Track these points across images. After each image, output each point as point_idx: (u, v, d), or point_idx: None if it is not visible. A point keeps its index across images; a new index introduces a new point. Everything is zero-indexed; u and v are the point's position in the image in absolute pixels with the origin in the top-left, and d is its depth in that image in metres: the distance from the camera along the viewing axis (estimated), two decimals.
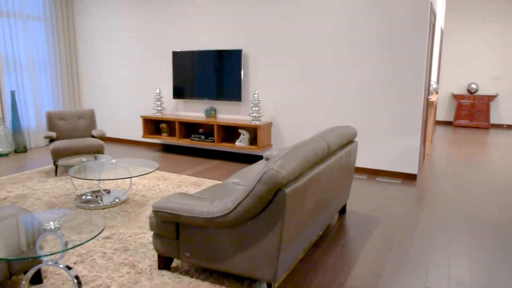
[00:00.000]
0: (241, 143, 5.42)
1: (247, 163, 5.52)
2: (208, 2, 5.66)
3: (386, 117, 4.74)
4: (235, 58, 5.43)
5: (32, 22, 6.39)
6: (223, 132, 5.71)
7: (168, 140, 5.94)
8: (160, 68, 6.28)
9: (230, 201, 2.17)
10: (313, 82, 5.10)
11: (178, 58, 5.89)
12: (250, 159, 5.71)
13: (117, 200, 3.82)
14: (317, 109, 5.14)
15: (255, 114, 5.29)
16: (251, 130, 5.59)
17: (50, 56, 6.70)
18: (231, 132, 5.81)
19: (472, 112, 9.17)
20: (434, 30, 5.50)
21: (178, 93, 6.01)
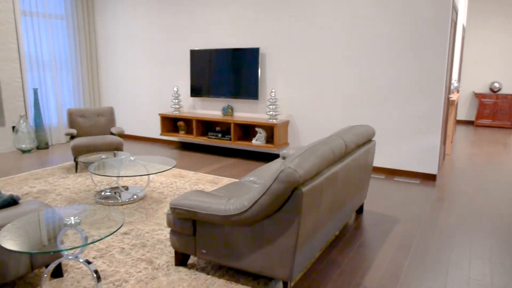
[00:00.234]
0: (257, 142, 5.42)
1: (264, 162, 5.52)
2: (226, 1, 5.68)
3: (405, 116, 4.67)
4: (252, 56, 5.43)
5: (54, 21, 6.53)
6: (240, 130, 5.72)
7: (185, 138, 5.99)
8: (178, 66, 6.34)
9: (246, 199, 2.18)
10: (330, 81, 5.06)
11: (196, 57, 5.93)
12: (267, 158, 5.71)
13: (135, 196, 3.87)
14: (334, 107, 5.10)
15: (272, 112, 5.28)
16: (268, 129, 5.58)
17: (71, 54, 6.84)
18: (248, 130, 5.82)
19: (494, 111, 8.94)
20: (455, 27, 5.38)
21: (195, 91, 6.05)
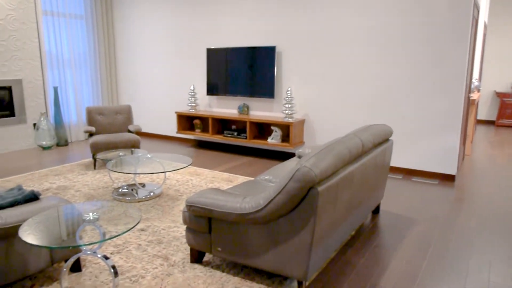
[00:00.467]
0: (273, 140, 5.41)
1: (279, 160, 5.51)
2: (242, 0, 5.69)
3: (424, 115, 4.59)
4: (269, 55, 5.43)
5: (74, 20, 6.65)
6: (256, 128, 5.72)
7: (201, 136, 6.03)
8: (194, 65, 6.38)
9: (262, 197, 2.18)
10: (347, 79, 5.01)
11: (212, 55, 5.95)
12: (282, 156, 5.69)
13: (151, 193, 3.92)
14: (351, 106, 5.05)
15: (288, 111, 5.26)
16: (284, 127, 5.57)
17: (90, 53, 6.95)
18: (264, 129, 5.82)
19: None
20: (477, 25, 5.25)
21: (211, 89, 6.07)
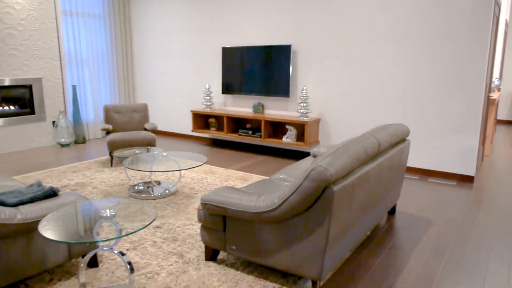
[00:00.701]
0: (288, 139, 5.40)
1: (294, 160, 5.49)
2: None
3: (441, 115, 4.51)
4: (284, 53, 5.41)
5: (92, 20, 6.75)
6: (270, 127, 5.72)
7: (216, 134, 6.06)
8: (210, 64, 6.40)
9: (277, 196, 2.17)
10: (363, 78, 4.96)
11: (228, 54, 5.97)
12: (297, 156, 5.67)
13: (167, 191, 3.95)
14: (367, 106, 4.99)
15: (303, 110, 5.24)
16: (299, 126, 5.54)
17: (107, 52, 7.05)
18: (278, 128, 5.81)
19: None
20: (498, 23, 5.13)
21: (227, 88, 6.09)
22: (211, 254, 2.63)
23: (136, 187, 4.10)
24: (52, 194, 2.42)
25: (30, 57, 5.95)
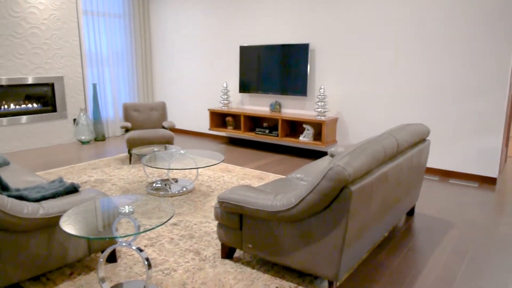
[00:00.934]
0: (305, 138, 5.37)
1: (311, 159, 5.46)
2: None
3: (463, 114, 4.41)
4: (302, 52, 5.38)
5: (112, 19, 6.86)
6: (287, 126, 5.70)
7: (233, 133, 6.07)
8: (227, 62, 6.42)
9: (293, 196, 2.16)
10: (383, 77, 4.89)
11: (245, 53, 5.97)
12: (314, 155, 5.64)
13: (184, 189, 3.99)
14: (386, 105, 4.92)
15: (320, 109, 5.20)
16: (316, 126, 5.51)
17: (127, 51, 7.16)
18: (295, 127, 5.78)
19: None
20: None
21: (244, 87, 6.10)
22: (227, 252, 2.64)
23: (154, 185, 4.15)
24: (73, 190, 2.47)
25: (52, 56, 6.08)
